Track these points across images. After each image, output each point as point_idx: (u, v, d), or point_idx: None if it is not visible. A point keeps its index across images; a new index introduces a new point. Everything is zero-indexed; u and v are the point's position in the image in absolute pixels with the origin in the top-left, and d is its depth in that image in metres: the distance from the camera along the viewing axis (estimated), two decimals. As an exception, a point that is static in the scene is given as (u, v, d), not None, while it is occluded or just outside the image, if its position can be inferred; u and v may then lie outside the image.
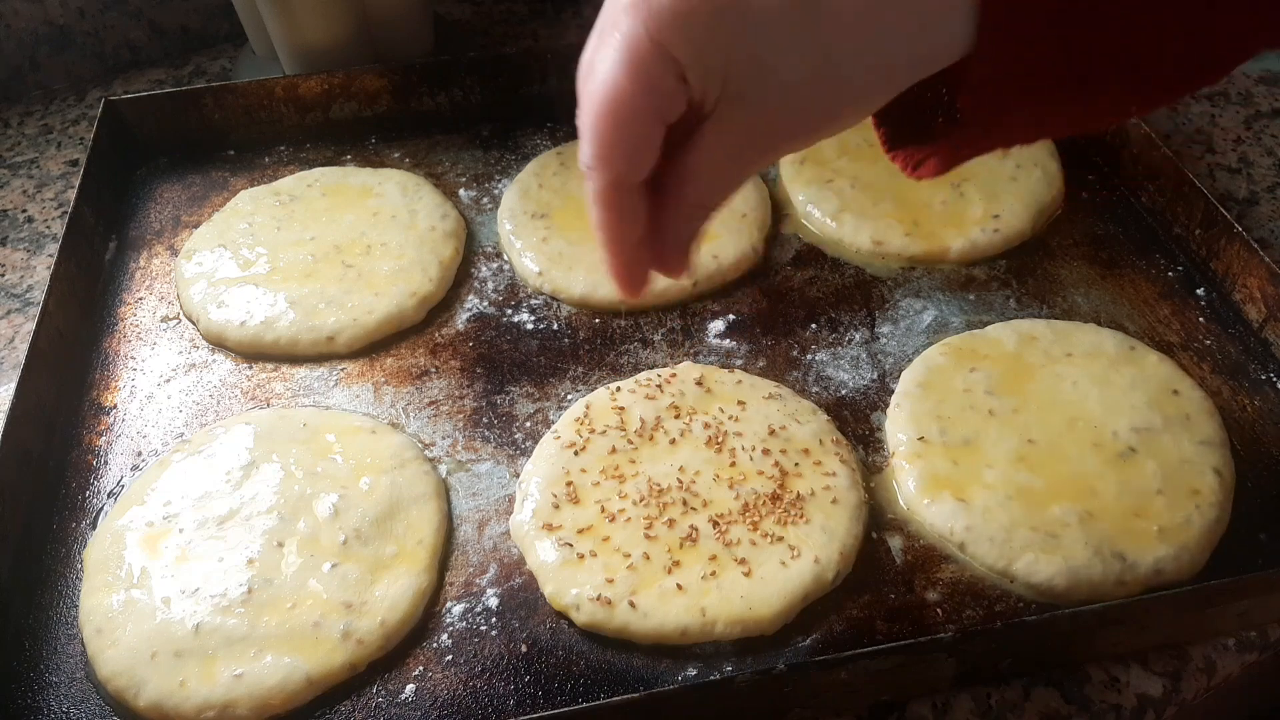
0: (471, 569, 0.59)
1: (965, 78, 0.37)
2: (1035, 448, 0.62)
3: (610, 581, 0.56)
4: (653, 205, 0.41)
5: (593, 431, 0.64)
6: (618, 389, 0.67)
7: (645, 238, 0.42)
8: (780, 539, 0.58)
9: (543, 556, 0.58)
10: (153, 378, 0.71)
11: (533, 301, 0.76)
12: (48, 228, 0.87)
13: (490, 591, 0.58)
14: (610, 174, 0.39)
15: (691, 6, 0.35)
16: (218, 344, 0.73)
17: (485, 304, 0.76)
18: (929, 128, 0.42)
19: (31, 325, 0.68)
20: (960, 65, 0.37)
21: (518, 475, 0.64)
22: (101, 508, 0.63)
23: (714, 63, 0.37)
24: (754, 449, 0.62)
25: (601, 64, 0.38)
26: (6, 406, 0.62)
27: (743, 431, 0.63)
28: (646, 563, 0.57)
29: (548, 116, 0.92)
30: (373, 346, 0.73)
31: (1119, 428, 0.63)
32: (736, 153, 0.40)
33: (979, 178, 0.82)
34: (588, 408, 0.66)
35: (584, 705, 0.52)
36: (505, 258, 0.79)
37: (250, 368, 0.71)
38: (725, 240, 0.77)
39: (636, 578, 0.56)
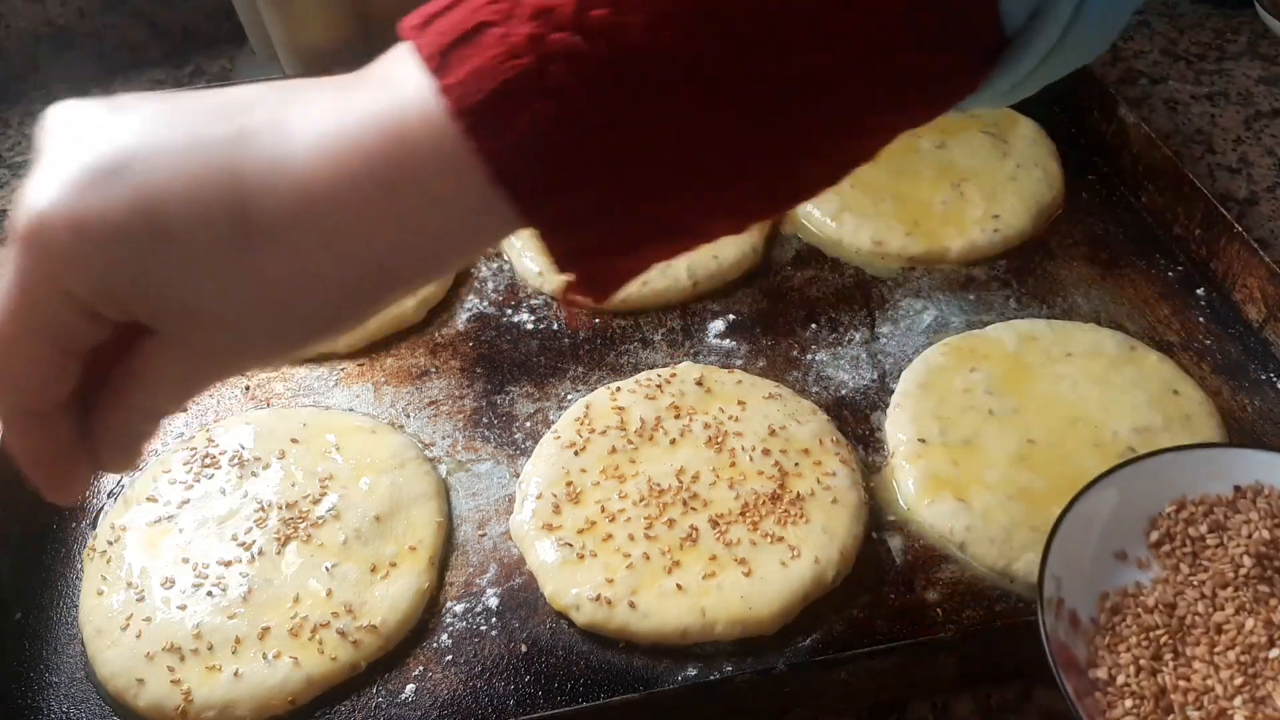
0: (471, 569, 0.59)
1: (547, 249, 0.33)
2: (1035, 448, 0.62)
3: (610, 581, 0.56)
4: (101, 400, 0.35)
5: (593, 431, 0.64)
6: (618, 389, 0.67)
7: (76, 443, 0.36)
8: (780, 539, 0.58)
9: (543, 556, 0.58)
10: (153, 378, 0.71)
11: (533, 301, 0.76)
12: (48, 228, 0.87)
13: (490, 591, 0.58)
14: (3, 404, 0.34)
15: (90, 243, 0.29)
16: (218, 344, 0.73)
17: (485, 304, 0.76)
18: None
19: (31, 325, 0.68)
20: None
21: (518, 475, 0.64)
22: (101, 508, 0.63)
23: (127, 297, 0.31)
24: (754, 449, 0.62)
25: None
26: (6, 406, 0.62)
27: (743, 431, 0.63)
28: (646, 563, 0.57)
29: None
30: (373, 346, 0.73)
31: (1119, 428, 0.63)
32: (179, 373, 0.34)
33: (979, 178, 0.82)
34: (588, 408, 0.66)
35: (584, 705, 0.52)
36: (505, 258, 0.79)
37: (250, 368, 0.71)
38: (725, 240, 0.77)
39: (636, 578, 0.56)
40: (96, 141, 0.31)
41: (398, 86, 0.30)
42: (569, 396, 0.69)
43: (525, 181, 0.30)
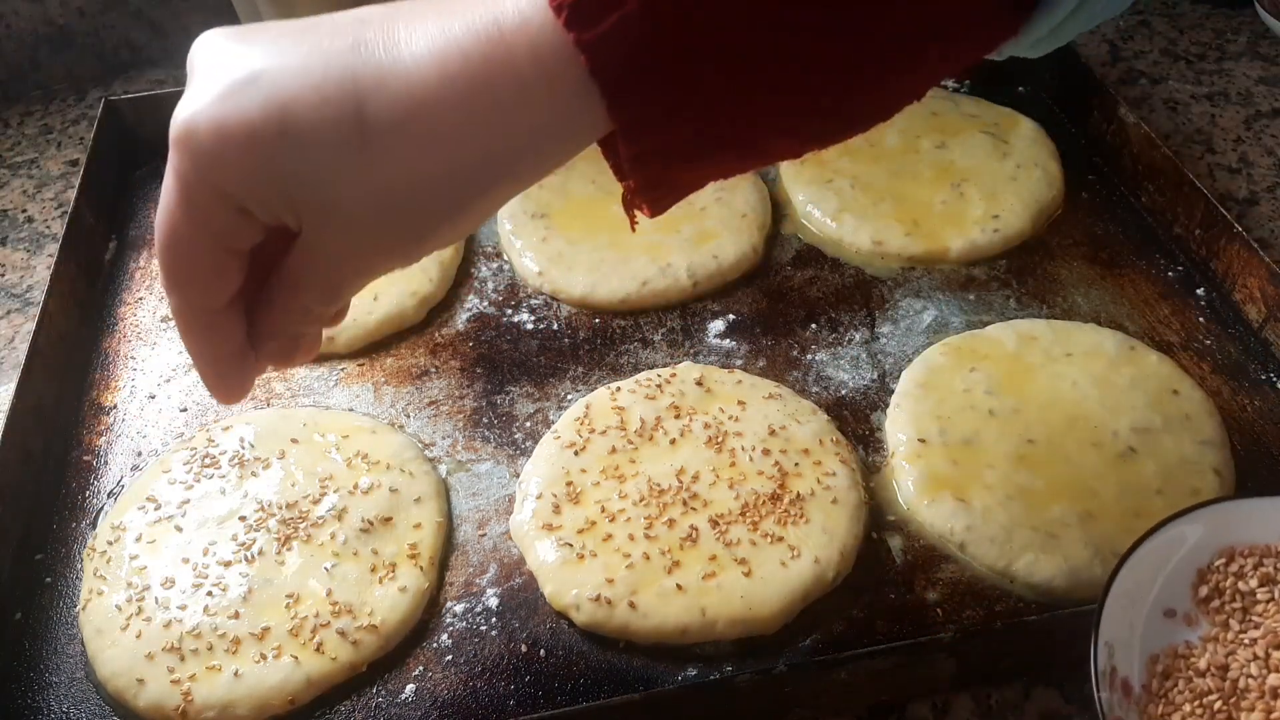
0: (471, 569, 0.59)
1: (617, 150, 0.36)
2: (1035, 448, 0.62)
3: (610, 581, 0.56)
4: (261, 301, 0.40)
5: (593, 431, 0.64)
6: (618, 389, 0.67)
7: (245, 343, 0.41)
8: (780, 539, 0.58)
9: (543, 556, 0.58)
10: (153, 378, 0.71)
11: (533, 301, 0.76)
12: (48, 228, 0.87)
13: (490, 591, 0.58)
14: (180, 300, 0.39)
15: (231, 142, 0.34)
16: (218, 344, 0.73)
17: (485, 304, 0.76)
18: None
19: (31, 325, 0.68)
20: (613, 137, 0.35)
21: (518, 475, 0.64)
22: (101, 508, 0.63)
23: (268, 194, 0.35)
24: (754, 449, 0.62)
25: (162, 196, 0.37)
26: (6, 406, 0.62)
27: (743, 431, 0.63)
28: (646, 563, 0.57)
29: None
30: (373, 346, 0.73)
31: (1119, 428, 0.63)
32: (324, 272, 0.38)
33: (979, 178, 0.82)
34: (588, 408, 0.66)
35: (584, 705, 0.52)
36: (505, 258, 0.79)
37: (250, 368, 0.71)
38: (725, 240, 0.77)
39: (636, 578, 0.56)
40: (233, 60, 0.35)
41: None
42: (569, 396, 0.69)
43: (616, 75, 0.33)
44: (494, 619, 0.57)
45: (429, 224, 0.37)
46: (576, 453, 0.63)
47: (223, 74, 0.35)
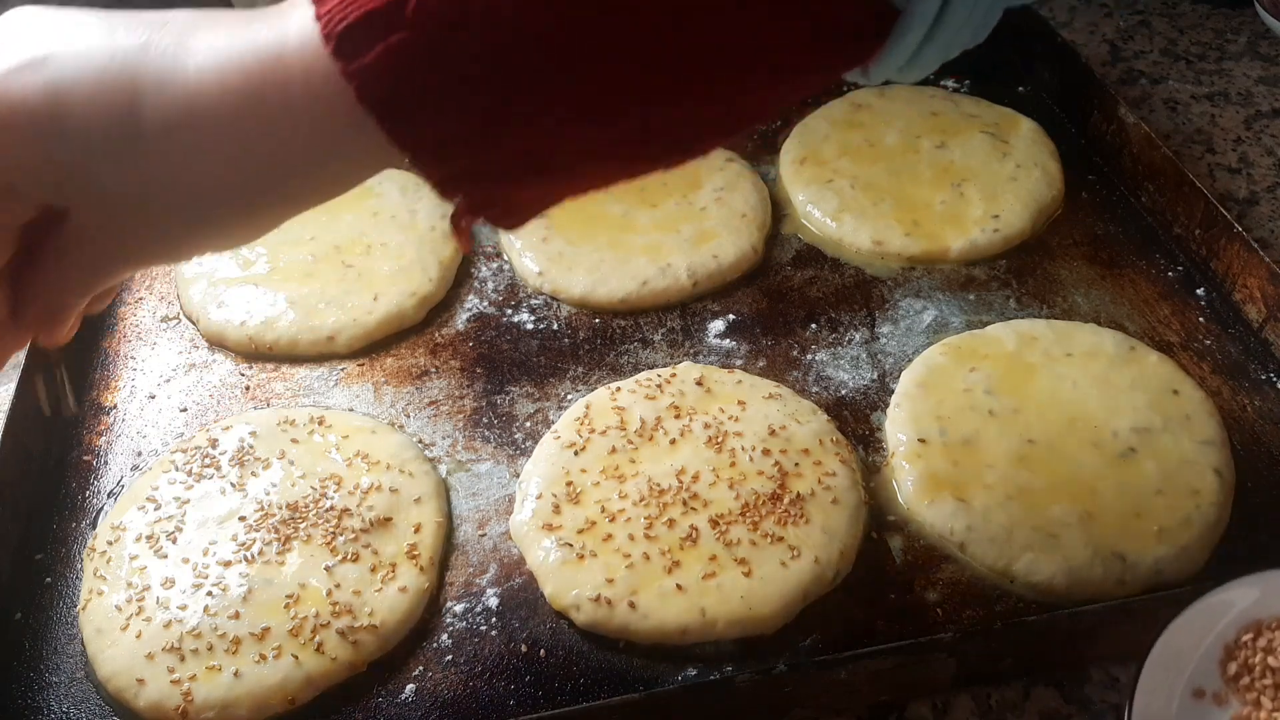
0: (471, 569, 0.59)
1: (420, 175, 0.35)
2: (1035, 448, 0.62)
3: (610, 581, 0.56)
4: (26, 274, 0.41)
5: (593, 431, 0.64)
6: (618, 389, 0.67)
7: (7, 315, 0.42)
8: (780, 539, 0.58)
9: (543, 556, 0.58)
10: (153, 378, 0.71)
11: (533, 301, 0.76)
12: (48, 228, 0.87)
13: (490, 591, 0.58)
14: None
15: (4, 119, 0.34)
16: (218, 344, 0.73)
17: (485, 304, 0.76)
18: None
19: (31, 325, 0.68)
20: None
21: (518, 475, 0.64)
22: (101, 508, 0.63)
23: (36, 175, 0.36)
24: (754, 449, 0.62)
25: None
26: (6, 406, 0.62)
27: (743, 431, 0.63)
28: (646, 563, 0.57)
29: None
30: (373, 346, 0.73)
31: (1119, 428, 0.63)
32: (87, 255, 0.39)
33: (979, 178, 0.82)
34: (588, 408, 0.66)
35: (584, 705, 0.52)
36: (505, 258, 0.79)
37: (250, 368, 0.71)
38: (725, 240, 0.77)
39: (636, 578, 0.56)
40: (28, 39, 0.36)
41: (285, 17, 0.34)
42: (569, 396, 0.69)
43: (385, 103, 0.33)
44: (494, 619, 0.57)
45: (193, 228, 0.37)
46: (576, 453, 0.63)
47: (14, 51, 0.35)
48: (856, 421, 0.67)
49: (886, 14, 0.35)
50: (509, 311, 0.75)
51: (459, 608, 0.58)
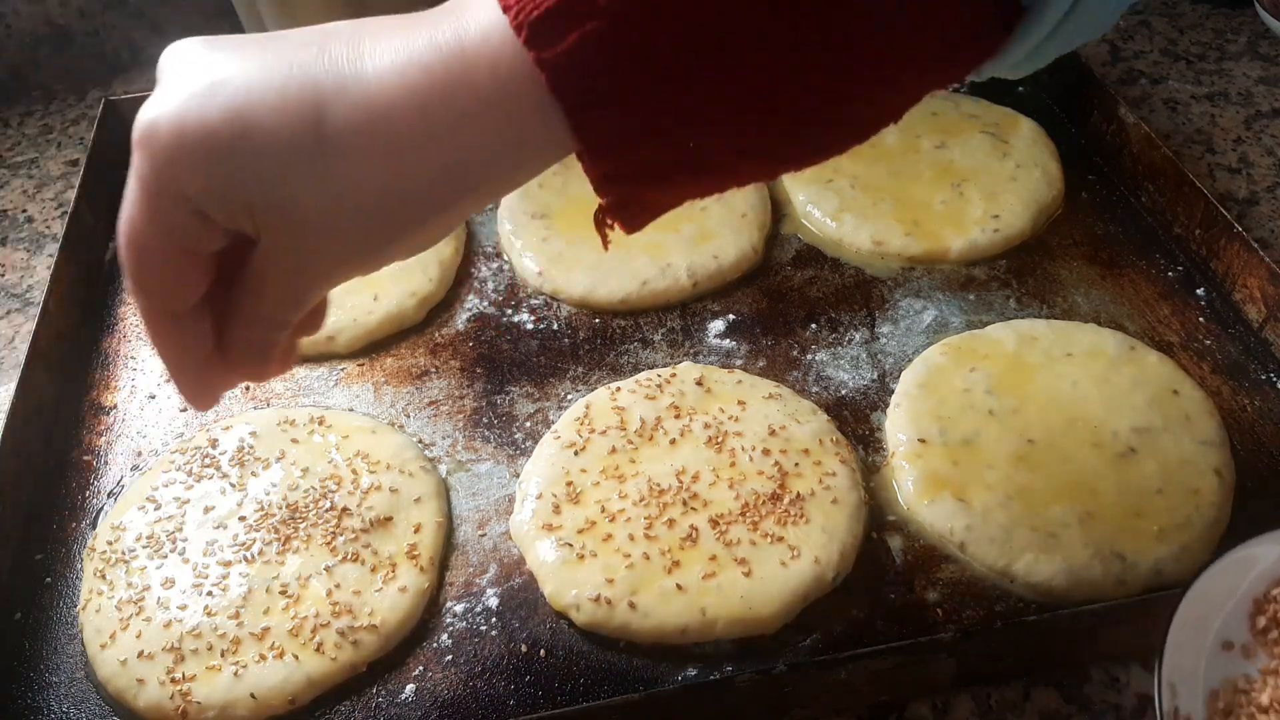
0: (471, 569, 0.59)
1: (586, 169, 0.36)
2: (1035, 448, 0.62)
3: (610, 581, 0.56)
4: (227, 310, 0.40)
5: (593, 431, 0.64)
6: (618, 389, 0.67)
7: (213, 350, 0.41)
8: (780, 539, 0.58)
9: (543, 556, 0.58)
10: (153, 378, 0.71)
11: (533, 301, 0.76)
12: (48, 228, 0.87)
13: (490, 591, 0.58)
14: (146, 303, 0.39)
15: (189, 143, 0.34)
16: (218, 344, 0.73)
17: (485, 304, 0.76)
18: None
19: (31, 325, 0.68)
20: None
21: (518, 475, 0.64)
22: (101, 508, 0.63)
23: (225, 198, 0.35)
24: (754, 449, 0.62)
25: (125, 198, 0.37)
26: (6, 406, 0.62)
27: (743, 431, 0.63)
28: (646, 563, 0.57)
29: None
30: (373, 346, 0.73)
31: (1119, 428, 0.63)
32: (283, 278, 0.38)
33: (979, 178, 0.82)
34: (588, 408, 0.66)
35: (584, 705, 0.52)
36: (505, 258, 0.79)
37: (250, 368, 0.71)
38: (725, 240, 0.77)
39: (636, 578, 0.56)
40: (200, 67, 0.36)
41: (461, 14, 0.34)
42: (569, 396, 0.69)
43: (576, 93, 0.33)
44: (494, 619, 0.57)
45: (387, 234, 0.37)
46: (576, 453, 0.63)
47: (188, 79, 0.35)
48: (856, 421, 0.67)
49: (1013, 8, 0.36)
50: (509, 311, 0.75)
51: (459, 608, 0.58)
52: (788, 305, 0.75)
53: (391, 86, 0.34)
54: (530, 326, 0.74)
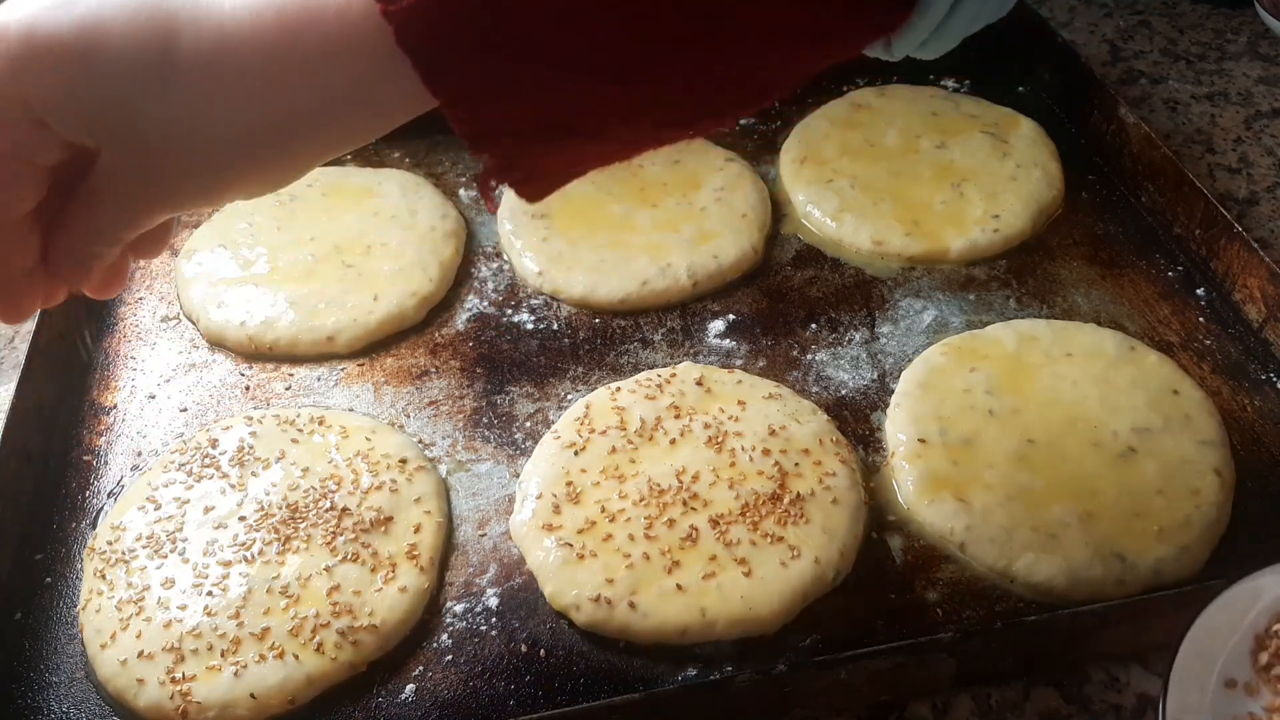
0: (471, 569, 0.59)
1: (454, 127, 0.35)
2: (1035, 448, 0.62)
3: (610, 581, 0.56)
4: (58, 221, 0.41)
5: (593, 431, 0.64)
6: (618, 389, 0.67)
7: (37, 263, 0.41)
8: (780, 539, 0.58)
9: (543, 556, 0.58)
10: (153, 378, 0.71)
11: (533, 301, 0.76)
12: (48, 228, 0.87)
13: (490, 591, 0.58)
14: None
15: (36, 52, 0.35)
16: (218, 344, 0.73)
17: (485, 304, 0.76)
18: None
19: (31, 325, 0.68)
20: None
21: (518, 475, 0.64)
22: (101, 508, 0.63)
23: (68, 111, 0.36)
24: (754, 449, 0.62)
25: None
26: (6, 406, 0.62)
27: (743, 431, 0.63)
28: (646, 563, 0.57)
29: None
30: (373, 346, 0.73)
31: (1119, 428, 0.63)
32: (119, 197, 0.38)
33: (979, 178, 0.82)
34: (588, 408, 0.66)
35: (584, 705, 0.52)
36: (505, 258, 0.79)
37: (250, 368, 0.71)
38: (725, 240, 0.77)
39: (636, 578, 0.56)
40: None
41: None
42: (569, 396, 0.69)
43: (423, 47, 0.33)
44: (494, 619, 0.57)
45: (226, 167, 0.37)
46: (576, 453, 0.63)
47: None
48: (856, 421, 0.67)
49: None
50: (509, 311, 0.75)
51: (459, 608, 0.58)
52: (788, 305, 0.75)
53: (243, 21, 0.34)
54: (530, 326, 0.74)
